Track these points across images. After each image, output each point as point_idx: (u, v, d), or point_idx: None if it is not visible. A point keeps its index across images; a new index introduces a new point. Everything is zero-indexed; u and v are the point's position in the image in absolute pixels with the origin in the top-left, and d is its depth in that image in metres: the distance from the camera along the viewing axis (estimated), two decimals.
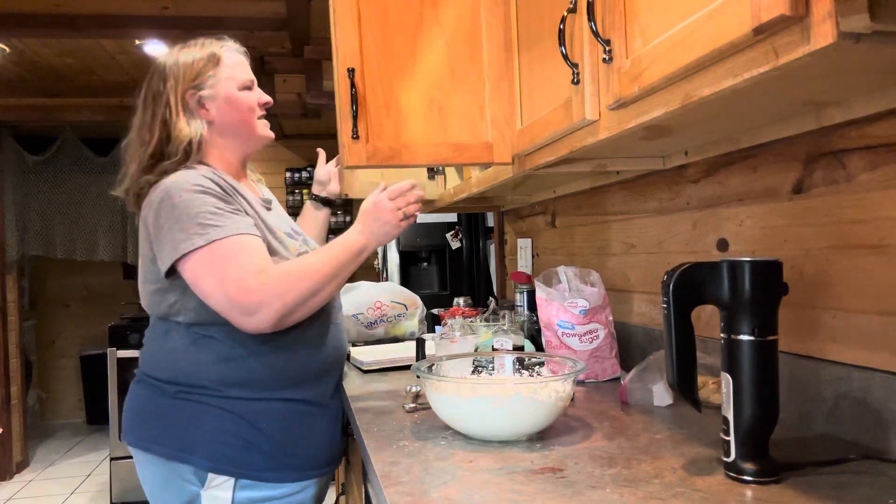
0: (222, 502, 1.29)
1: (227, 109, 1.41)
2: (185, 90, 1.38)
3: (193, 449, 1.30)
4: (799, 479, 0.87)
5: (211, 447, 1.30)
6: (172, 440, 1.31)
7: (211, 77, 1.40)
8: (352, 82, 1.35)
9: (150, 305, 1.37)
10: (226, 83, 1.41)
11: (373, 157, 1.37)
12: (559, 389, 1.07)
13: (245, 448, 1.30)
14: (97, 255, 5.19)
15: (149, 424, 1.35)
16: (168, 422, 1.32)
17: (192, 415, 1.31)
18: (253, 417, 1.31)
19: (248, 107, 1.43)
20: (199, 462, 1.29)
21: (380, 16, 1.38)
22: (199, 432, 1.30)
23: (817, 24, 0.60)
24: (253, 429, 1.31)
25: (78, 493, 4.19)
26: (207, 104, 1.40)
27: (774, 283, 0.89)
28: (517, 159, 1.43)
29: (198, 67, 1.40)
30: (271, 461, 1.32)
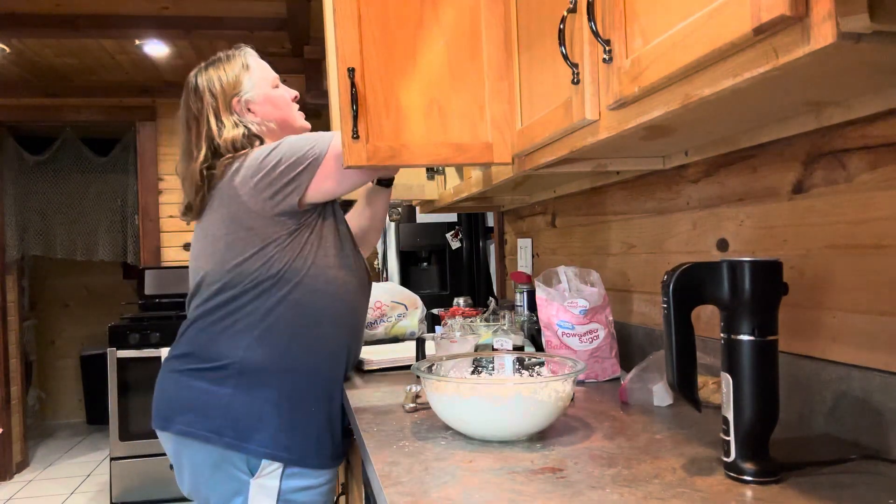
0: (270, 490, 1.37)
1: (269, 108, 1.56)
2: (230, 99, 1.52)
3: (250, 437, 1.38)
4: (799, 479, 0.87)
5: (267, 435, 1.38)
6: (230, 430, 1.38)
7: (248, 81, 1.54)
8: (352, 82, 1.35)
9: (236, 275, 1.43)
10: (261, 84, 1.56)
11: (373, 157, 1.37)
12: (559, 389, 1.07)
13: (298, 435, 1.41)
14: (97, 255, 5.19)
15: (207, 415, 1.40)
16: (227, 412, 1.39)
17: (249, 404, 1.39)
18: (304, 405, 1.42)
19: (285, 102, 1.59)
20: (255, 450, 1.38)
21: (380, 16, 1.38)
22: (258, 421, 1.39)
23: (817, 24, 0.60)
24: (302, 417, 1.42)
25: (78, 493, 4.19)
26: (252, 106, 1.54)
27: (774, 283, 0.89)
28: (517, 159, 1.43)
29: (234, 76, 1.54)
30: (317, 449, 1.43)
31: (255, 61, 1.58)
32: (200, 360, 1.45)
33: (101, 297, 5.88)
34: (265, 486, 1.37)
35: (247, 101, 1.54)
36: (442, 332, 1.77)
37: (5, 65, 3.92)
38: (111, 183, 5.19)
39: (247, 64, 1.56)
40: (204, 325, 1.46)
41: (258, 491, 1.37)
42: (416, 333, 2.28)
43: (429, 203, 2.55)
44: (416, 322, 2.33)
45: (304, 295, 1.43)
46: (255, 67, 1.57)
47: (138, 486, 3.87)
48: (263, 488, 1.37)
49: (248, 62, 1.57)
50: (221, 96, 1.52)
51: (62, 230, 5.15)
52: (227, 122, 1.50)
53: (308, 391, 1.44)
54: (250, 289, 1.42)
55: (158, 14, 3.36)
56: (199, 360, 1.45)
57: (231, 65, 1.56)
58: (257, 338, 1.42)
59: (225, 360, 1.42)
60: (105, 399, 3.94)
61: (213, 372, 1.43)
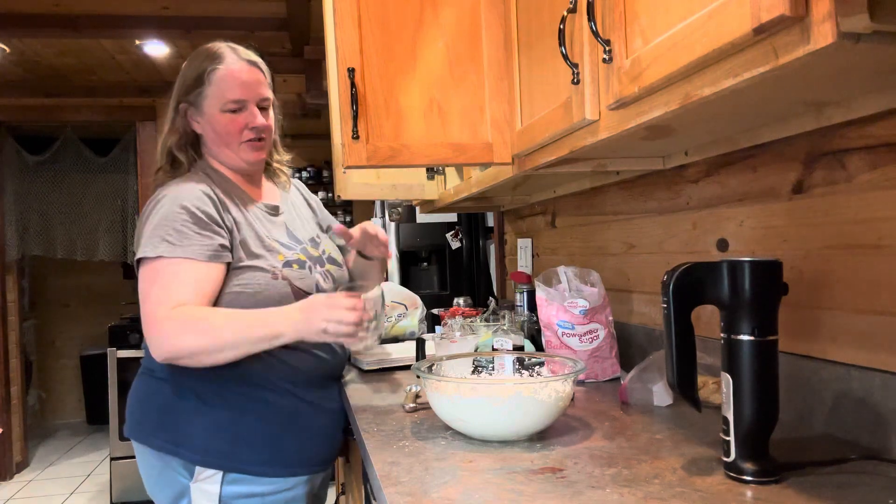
0: (210, 496, 1.31)
1: (208, 129, 1.42)
2: (179, 102, 1.43)
3: (183, 441, 1.32)
4: (799, 479, 0.87)
5: (200, 440, 1.32)
6: (165, 433, 1.34)
7: (198, 93, 1.40)
8: (352, 82, 1.35)
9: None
10: (210, 101, 1.40)
11: (373, 157, 1.37)
12: (559, 389, 1.07)
13: (234, 442, 1.32)
14: (97, 255, 5.19)
15: (146, 417, 1.38)
16: (162, 414, 1.35)
17: (185, 407, 1.34)
18: (245, 412, 1.34)
19: (226, 131, 1.40)
20: (187, 455, 1.32)
21: (380, 16, 1.38)
22: (190, 425, 1.33)
23: (817, 24, 0.60)
24: (244, 423, 1.33)
25: (78, 493, 4.19)
26: (196, 118, 1.43)
27: (774, 283, 0.89)
28: (517, 159, 1.43)
29: (188, 81, 1.42)
30: (260, 456, 1.33)
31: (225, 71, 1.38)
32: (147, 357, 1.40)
33: (101, 297, 5.88)
34: (205, 490, 1.31)
35: (189, 112, 1.43)
36: (442, 332, 1.77)
37: (5, 65, 3.92)
38: (111, 183, 5.19)
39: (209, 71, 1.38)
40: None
41: (199, 495, 1.32)
42: (416, 333, 2.28)
43: (429, 203, 2.55)
44: (416, 322, 2.33)
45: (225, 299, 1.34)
46: (217, 79, 1.38)
47: (138, 486, 3.83)
48: (204, 493, 1.31)
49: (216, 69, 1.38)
50: (177, 94, 1.44)
51: (62, 230, 5.15)
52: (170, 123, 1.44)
53: (241, 394, 1.34)
54: None
55: (158, 14, 3.36)
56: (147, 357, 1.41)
57: (193, 65, 1.42)
58: None
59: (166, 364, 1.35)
60: (105, 399, 3.94)
61: (156, 373, 1.39)
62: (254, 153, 1.43)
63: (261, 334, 1.25)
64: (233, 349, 1.26)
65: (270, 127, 1.46)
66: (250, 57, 1.43)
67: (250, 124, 1.40)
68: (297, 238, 1.49)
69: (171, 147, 1.44)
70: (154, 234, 1.30)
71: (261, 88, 1.42)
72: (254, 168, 1.48)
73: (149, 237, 1.30)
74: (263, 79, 1.44)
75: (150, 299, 1.27)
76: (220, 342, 1.25)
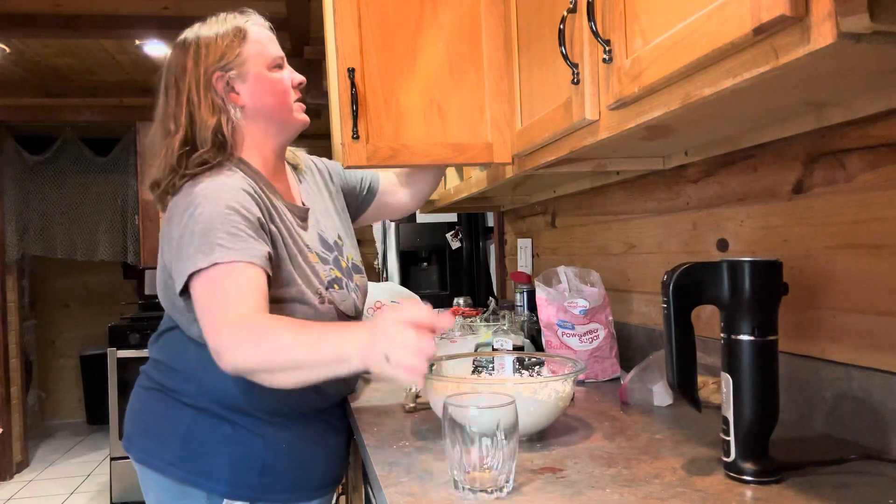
0: None
1: (259, 92, 1.26)
2: (211, 72, 1.23)
3: (210, 473, 1.23)
4: (799, 479, 0.87)
5: (229, 472, 1.23)
6: (190, 463, 1.23)
7: (238, 55, 1.24)
8: (352, 82, 1.35)
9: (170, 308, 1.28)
10: (255, 62, 1.25)
11: (373, 157, 1.37)
12: (559, 389, 1.07)
13: (264, 472, 1.24)
14: (97, 255, 5.19)
15: (166, 445, 1.25)
16: (186, 443, 1.24)
17: (214, 437, 1.23)
18: (277, 441, 1.25)
19: (282, 89, 1.28)
20: (214, 487, 1.22)
21: (380, 16, 1.38)
22: (218, 456, 1.23)
23: (817, 25, 0.60)
24: (275, 453, 1.25)
25: (78, 493, 4.19)
26: (237, 87, 1.25)
27: (774, 283, 0.89)
28: (517, 159, 1.43)
29: (223, 45, 1.24)
30: (290, 484, 1.27)
31: (256, 30, 1.27)
32: (166, 374, 1.28)
33: (101, 297, 5.88)
34: None
35: (230, 80, 1.23)
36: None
37: (5, 65, 3.92)
38: (111, 183, 5.19)
39: (242, 31, 1.25)
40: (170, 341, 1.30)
41: None
42: None
43: (429, 203, 2.55)
44: None
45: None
46: (253, 38, 1.26)
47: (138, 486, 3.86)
48: None
49: (246, 29, 1.26)
50: (203, 65, 1.23)
51: (62, 230, 5.15)
52: (203, 101, 1.22)
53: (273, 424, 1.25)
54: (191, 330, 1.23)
55: (158, 14, 3.35)
56: (166, 374, 1.29)
57: (224, 27, 1.25)
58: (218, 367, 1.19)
59: (190, 377, 1.24)
60: (105, 399, 3.94)
61: (176, 392, 1.26)
62: (304, 115, 1.33)
63: (328, 357, 0.99)
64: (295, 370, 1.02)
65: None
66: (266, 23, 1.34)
67: (295, 80, 1.31)
68: (328, 244, 1.36)
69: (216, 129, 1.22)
70: (203, 242, 1.10)
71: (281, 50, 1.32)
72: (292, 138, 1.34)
73: (200, 245, 1.10)
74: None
75: (211, 307, 1.08)
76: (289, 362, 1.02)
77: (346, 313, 1.31)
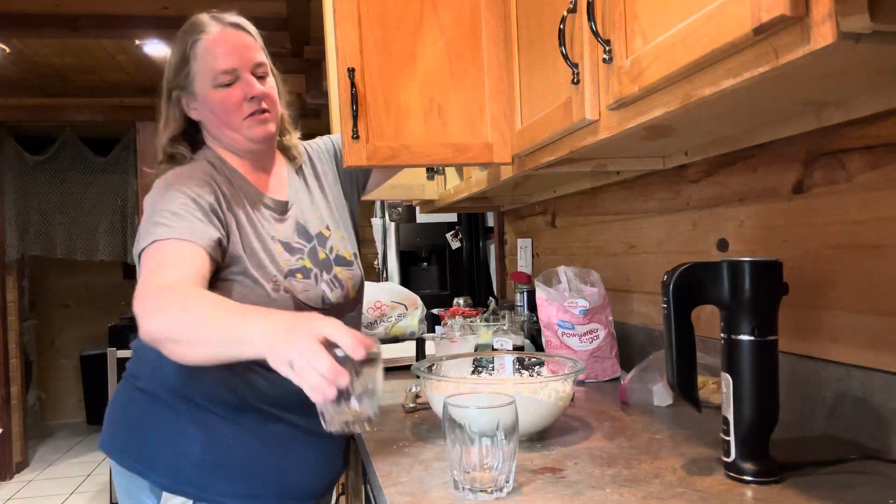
0: None
1: (205, 111, 1.24)
2: (170, 90, 1.26)
3: (152, 464, 1.19)
4: (799, 479, 0.87)
5: (170, 463, 1.18)
6: (135, 451, 1.21)
7: (187, 74, 1.22)
8: (352, 82, 1.35)
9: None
10: (201, 80, 1.22)
11: (373, 157, 1.37)
12: (559, 389, 1.07)
13: (208, 469, 1.18)
14: (97, 255, 5.20)
15: (118, 429, 1.26)
16: (133, 429, 1.23)
17: (157, 425, 1.20)
18: (222, 435, 1.19)
19: (225, 107, 1.22)
20: (154, 478, 1.19)
21: (380, 16, 1.38)
22: (160, 445, 1.19)
23: (817, 25, 0.60)
24: (220, 448, 1.18)
25: (78, 493, 4.19)
26: (192, 104, 1.25)
27: (774, 283, 0.89)
28: (517, 159, 1.43)
29: (174, 64, 1.24)
30: (237, 486, 1.18)
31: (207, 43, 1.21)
32: (133, 360, 1.29)
33: (101, 297, 5.88)
34: None
35: (183, 98, 1.25)
36: (442, 332, 1.77)
37: (5, 65, 3.92)
38: (111, 183, 5.19)
39: (191, 50, 1.21)
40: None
41: None
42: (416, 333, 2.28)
43: (429, 203, 2.55)
44: (416, 322, 2.33)
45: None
46: (200, 52, 1.21)
47: None
48: None
49: (195, 50, 1.21)
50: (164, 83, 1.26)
51: (62, 230, 5.16)
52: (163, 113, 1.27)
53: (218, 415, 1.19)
54: None
55: (158, 14, 3.35)
56: (133, 360, 1.30)
57: (175, 47, 1.25)
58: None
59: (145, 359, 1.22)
60: (105, 399, 3.91)
61: (133, 376, 1.26)
62: (260, 127, 1.24)
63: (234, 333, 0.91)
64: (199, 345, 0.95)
65: (272, 95, 1.27)
66: (234, 20, 1.25)
67: (248, 94, 1.22)
68: (308, 233, 1.33)
69: (164, 144, 1.27)
70: (149, 223, 1.12)
71: (252, 53, 1.24)
72: (263, 147, 1.29)
73: (144, 227, 1.12)
74: (253, 42, 1.26)
75: (141, 280, 1.05)
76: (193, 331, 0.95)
77: (308, 304, 1.23)
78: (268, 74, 1.28)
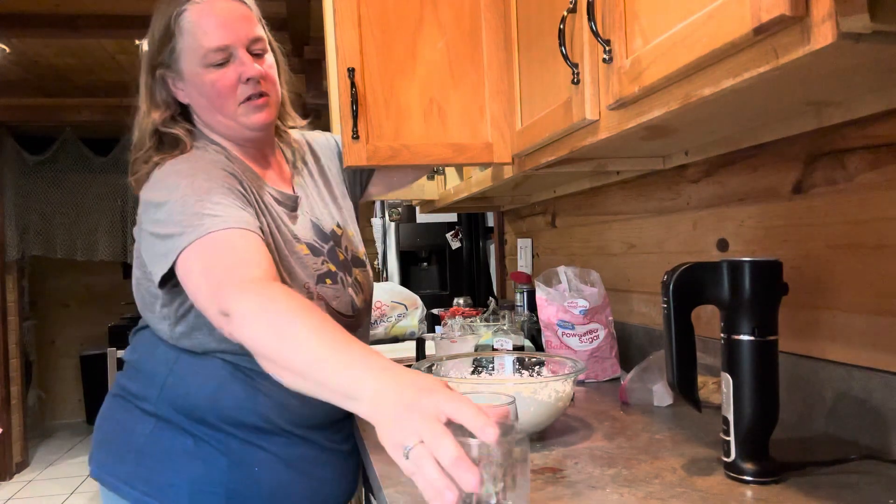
0: None
1: (194, 94, 1.09)
2: (153, 68, 1.10)
3: (167, 496, 1.07)
4: (799, 479, 0.87)
5: (187, 494, 1.06)
6: (144, 481, 1.07)
7: (172, 51, 1.08)
8: (352, 82, 1.35)
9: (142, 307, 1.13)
10: (188, 58, 1.07)
11: (373, 157, 1.37)
12: (559, 389, 1.07)
13: (229, 496, 1.07)
14: (97, 255, 5.20)
15: (120, 458, 1.11)
16: (142, 457, 1.09)
17: (172, 453, 1.08)
18: (245, 461, 1.08)
19: (216, 90, 1.07)
20: None
21: (380, 16, 1.38)
22: (177, 474, 1.07)
23: (817, 25, 0.60)
24: (243, 474, 1.08)
25: (78, 493, 4.19)
26: (178, 84, 1.10)
27: (774, 283, 0.89)
28: (517, 159, 1.43)
29: (156, 38, 1.09)
30: None
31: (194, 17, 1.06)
32: (131, 376, 1.15)
33: (101, 297, 5.88)
34: None
35: (169, 77, 1.10)
36: (442, 332, 1.77)
37: (5, 65, 3.92)
38: (111, 183, 5.19)
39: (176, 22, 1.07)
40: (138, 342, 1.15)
41: None
42: (416, 333, 2.28)
43: (429, 203, 2.55)
44: (416, 322, 2.33)
45: None
46: (187, 28, 1.06)
47: None
48: None
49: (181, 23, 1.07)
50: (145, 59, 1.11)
51: (62, 230, 5.16)
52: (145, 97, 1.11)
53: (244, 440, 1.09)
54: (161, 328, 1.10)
55: None
56: (131, 376, 1.15)
57: (157, 19, 1.10)
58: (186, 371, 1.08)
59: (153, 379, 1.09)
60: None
61: (138, 397, 1.11)
62: (258, 114, 1.10)
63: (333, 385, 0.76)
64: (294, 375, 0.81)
65: (271, 75, 1.12)
66: None
67: (244, 76, 1.07)
68: (323, 233, 1.21)
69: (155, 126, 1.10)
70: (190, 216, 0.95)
71: (248, 26, 1.08)
72: (261, 135, 1.15)
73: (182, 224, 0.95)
74: (249, 14, 1.10)
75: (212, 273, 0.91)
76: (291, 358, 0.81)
77: (340, 311, 1.15)
78: (266, 51, 1.13)
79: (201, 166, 1.05)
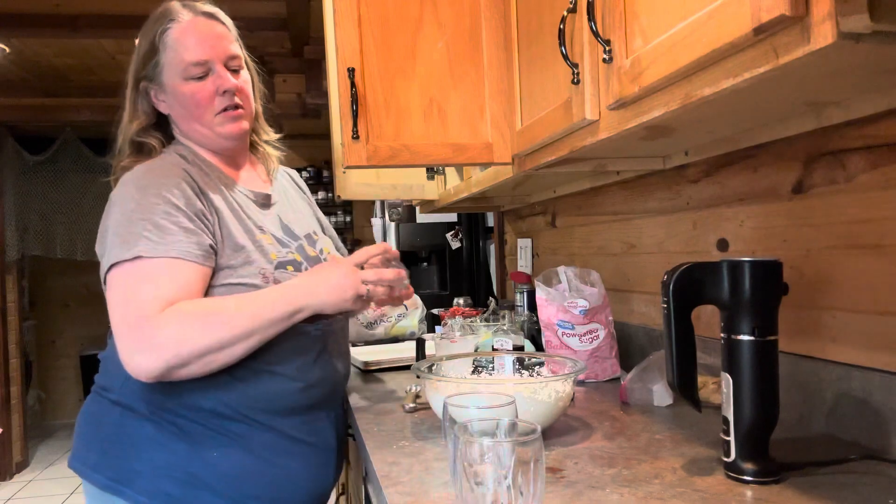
0: None
1: (174, 105, 1.20)
2: (138, 80, 1.21)
3: (129, 481, 1.11)
4: (799, 479, 0.87)
5: (149, 480, 1.10)
6: (109, 468, 1.13)
7: (155, 64, 1.18)
8: (352, 82, 1.35)
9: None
10: (169, 70, 1.17)
11: (373, 157, 1.37)
12: (559, 389, 1.07)
13: (190, 483, 1.10)
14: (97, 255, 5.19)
15: (91, 447, 1.17)
16: (108, 445, 1.14)
17: (134, 439, 1.12)
18: (205, 447, 1.12)
19: (195, 102, 1.17)
20: (136, 498, 1.10)
21: (380, 16, 1.38)
22: (139, 461, 1.11)
23: (817, 24, 0.60)
24: (204, 461, 1.11)
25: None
26: (160, 96, 1.21)
27: (774, 283, 0.89)
28: (517, 159, 1.43)
29: (141, 53, 1.19)
30: (224, 501, 1.12)
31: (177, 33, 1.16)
32: (102, 371, 1.21)
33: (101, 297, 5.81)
34: None
35: (151, 90, 1.20)
36: (442, 332, 1.77)
37: (5, 65, 3.92)
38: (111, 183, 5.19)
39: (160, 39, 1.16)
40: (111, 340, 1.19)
41: None
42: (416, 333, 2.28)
43: (429, 203, 2.55)
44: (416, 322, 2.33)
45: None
46: (170, 43, 1.16)
47: None
48: None
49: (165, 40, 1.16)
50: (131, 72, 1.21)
51: (62, 230, 5.16)
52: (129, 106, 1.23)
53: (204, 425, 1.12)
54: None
55: None
56: (102, 371, 1.21)
57: (143, 36, 1.19)
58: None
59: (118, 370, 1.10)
60: None
61: (105, 388, 1.17)
62: (232, 124, 1.20)
63: (276, 314, 1.05)
64: (248, 337, 1.04)
65: (245, 89, 1.22)
66: (207, 9, 1.20)
67: (221, 88, 1.17)
68: (293, 233, 1.28)
69: (132, 135, 1.23)
70: (128, 232, 1.06)
71: (225, 44, 1.19)
72: (236, 144, 1.24)
73: (122, 236, 1.06)
74: (227, 33, 1.21)
75: (133, 299, 1.03)
76: (234, 332, 1.02)
77: None
78: (242, 68, 1.23)
79: (155, 179, 1.14)
